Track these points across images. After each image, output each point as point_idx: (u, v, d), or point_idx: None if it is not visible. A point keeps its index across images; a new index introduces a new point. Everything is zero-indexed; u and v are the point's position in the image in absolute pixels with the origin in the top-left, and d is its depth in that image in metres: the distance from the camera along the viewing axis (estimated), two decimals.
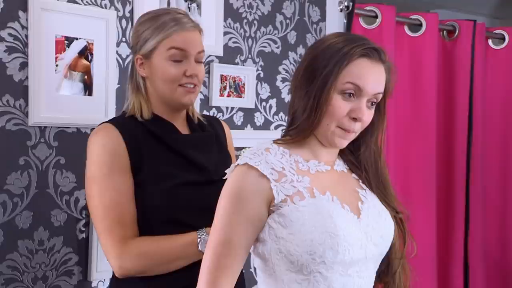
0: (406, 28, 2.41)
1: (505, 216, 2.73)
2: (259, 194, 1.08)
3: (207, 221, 1.30)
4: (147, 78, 1.39)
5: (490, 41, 2.69)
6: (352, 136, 1.14)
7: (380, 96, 1.13)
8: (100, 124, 1.37)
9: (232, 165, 1.12)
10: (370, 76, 1.10)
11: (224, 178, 1.12)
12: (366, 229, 1.12)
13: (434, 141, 2.44)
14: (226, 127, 1.57)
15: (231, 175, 1.11)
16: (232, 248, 1.07)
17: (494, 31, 2.71)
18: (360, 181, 1.20)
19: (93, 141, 1.34)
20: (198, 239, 1.31)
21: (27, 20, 1.53)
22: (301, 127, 1.12)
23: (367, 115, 1.12)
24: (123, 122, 1.36)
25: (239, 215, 1.07)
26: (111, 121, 1.37)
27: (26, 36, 1.54)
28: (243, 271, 1.35)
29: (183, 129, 1.44)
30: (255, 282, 1.15)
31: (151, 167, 1.33)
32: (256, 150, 1.12)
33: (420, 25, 2.39)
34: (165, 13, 1.39)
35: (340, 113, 1.09)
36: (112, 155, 1.31)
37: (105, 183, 1.30)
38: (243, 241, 1.08)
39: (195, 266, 1.29)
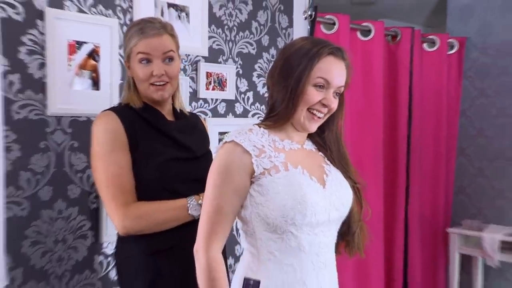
0: (358, 33, 2.44)
1: (436, 186, 2.81)
2: (244, 167, 1.09)
3: (193, 190, 1.35)
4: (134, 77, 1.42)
5: (424, 45, 2.75)
6: (320, 122, 1.18)
7: (342, 88, 1.16)
8: (102, 111, 1.39)
9: (220, 143, 1.13)
10: (335, 71, 1.13)
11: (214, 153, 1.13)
12: (330, 197, 1.14)
13: (381, 127, 2.48)
14: (203, 120, 1.61)
15: (219, 152, 1.12)
16: (223, 215, 1.10)
17: (427, 37, 2.76)
18: (325, 158, 1.22)
19: (97, 124, 1.36)
20: (188, 204, 1.34)
21: (44, 27, 1.54)
22: (281, 114, 1.14)
23: (335, 103, 1.16)
24: (120, 109, 1.39)
25: (227, 187, 1.09)
26: (110, 109, 1.39)
27: (44, 41, 1.54)
28: None
29: (169, 117, 1.46)
30: (238, 242, 1.18)
31: (144, 146, 1.35)
32: (240, 130, 1.14)
33: (370, 31, 2.43)
34: (136, 23, 1.40)
35: (314, 100, 1.13)
36: (113, 136, 1.33)
37: (108, 159, 1.32)
38: (232, 209, 1.11)
39: (185, 227, 1.34)
